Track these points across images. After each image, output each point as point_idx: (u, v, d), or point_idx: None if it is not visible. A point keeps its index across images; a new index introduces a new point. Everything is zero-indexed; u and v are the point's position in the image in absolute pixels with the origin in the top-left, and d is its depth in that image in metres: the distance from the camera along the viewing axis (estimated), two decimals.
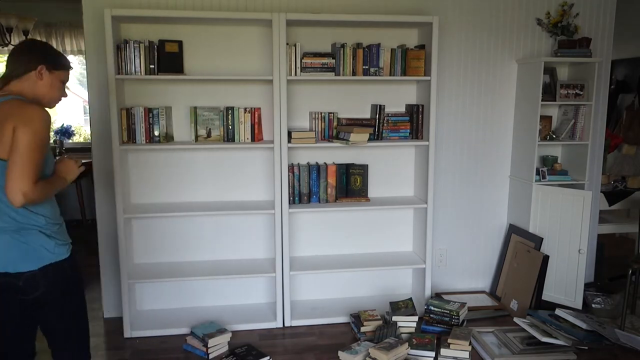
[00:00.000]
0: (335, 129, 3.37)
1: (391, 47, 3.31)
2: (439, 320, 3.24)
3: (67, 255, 1.93)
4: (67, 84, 2.03)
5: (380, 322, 3.21)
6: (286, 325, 3.37)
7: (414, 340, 2.99)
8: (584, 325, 3.08)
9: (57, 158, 2.03)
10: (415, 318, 3.21)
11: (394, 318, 3.21)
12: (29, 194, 1.71)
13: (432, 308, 3.28)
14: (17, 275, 1.82)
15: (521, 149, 3.65)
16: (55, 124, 6.16)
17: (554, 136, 3.63)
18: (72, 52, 6.16)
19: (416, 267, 3.55)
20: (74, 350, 2.02)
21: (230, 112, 3.22)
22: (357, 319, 3.26)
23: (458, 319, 3.20)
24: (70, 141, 6.29)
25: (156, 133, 3.17)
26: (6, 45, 4.98)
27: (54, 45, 6.00)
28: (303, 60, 3.18)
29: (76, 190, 5.45)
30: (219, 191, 3.46)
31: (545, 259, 3.40)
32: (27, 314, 1.95)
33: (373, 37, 3.41)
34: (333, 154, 3.53)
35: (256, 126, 3.26)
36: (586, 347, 3.04)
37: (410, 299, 3.40)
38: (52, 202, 1.94)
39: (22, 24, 5.04)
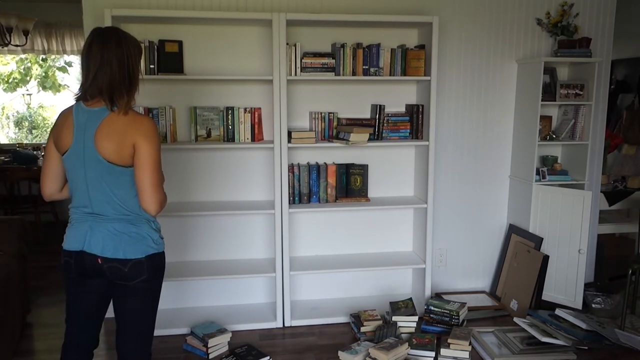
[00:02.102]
0: (335, 129, 3.37)
1: (391, 47, 3.31)
2: (439, 320, 3.24)
3: (163, 249, 2.11)
4: (68, 84, 2.05)
5: (380, 322, 3.21)
6: (286, 325, 3.37)
7: (414, 340, 2.99)
8: (584, 325, 3.08)
9: None
10: (415, 318, 3.21)
11: (394, 318, 3.21)
12: (162, 202, 2.00)
13: (432, 308, 3.28)
14: (124, 262, 1.95)
15: (521, 149, 3.65)
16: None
17: (554, 136, 3.63)
18: (72, 52, 6.16)
19: (416, 267, 3.55)
20: (142, 341, 2.11)
21: (230, 112, 3.23)
22: (357, 319, 3.26)
23: (458, 319, 3.20)
24: None
25: None
26: (6, 45, 4.98)
27: (54, 46, 6.02)
28: (303, 60, 3.18)
29: None
30: (218, 191, 3.46)
31: (545, 259, 3.40)
32: (106, 301, 2.13)
33: (373, 37, 3.41)
34: (333, 154, 3.53)
35: (256, 126, 3.26)
36: (586, 347, 3.04)
37: (410, 299, 3.40)
38: None
39: (22, 24, 5.04)
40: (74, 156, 1.93)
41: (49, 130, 8.41)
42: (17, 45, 5.39)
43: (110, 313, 2.13)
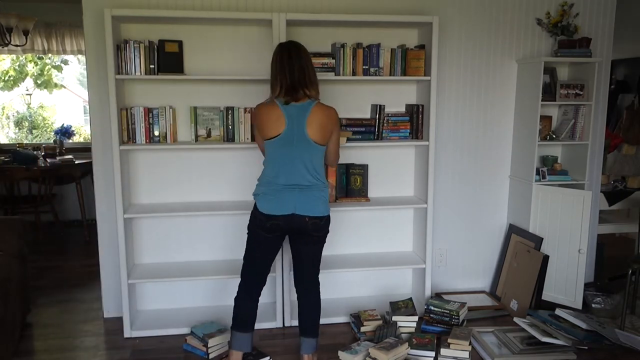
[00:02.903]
0: None
1: (391, 47, 3.31)
2: (439, 320, 3.24)
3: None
4: (64, 84, 2.12)
5: (380, 322, 3.21)
6: (286, 325, 3.37)
7: (414, 340, 2.99)
8: (584, 325, 3.08)
9: None
10: (415, 318, 3.21)
11: (394, 318, 3.21)
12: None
13: (432, 308, 3.28)
14: (321, 218, 2.66)
15: (521, 149, 3.65)
16: (55, 124, 6.17)
17: (554, 136, 3.63)
18: (72, 52, 6.15)
19: (416, 267, 3.55)
20: (318, 270, 2.85)
21: (230, 112, 3.22)
22: (357, 319, 3.26)
23: (458, 319, 3.20)
24: (70, 141, 6.30)
25: (156, 133, 3.17)
26: (6, 45, 4.97)
27: (54, 45, 6.01)
28: None
29: (76, 190, 5.45)
30: (218, 191, 3.46)
31: (545, 258, 3.40)
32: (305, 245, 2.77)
33: (373, 37, 3.41)
34: None
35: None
36: (586, 347, 3.04)
37: (410, 299, 3.40)
38: None
39: (22, 24, 5.04)
40: None
41: (49, 130, 8.42)
42: (17, 45, 5.39)
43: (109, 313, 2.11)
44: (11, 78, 7.74)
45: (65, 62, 7.64)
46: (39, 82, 7.75)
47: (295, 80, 2.57)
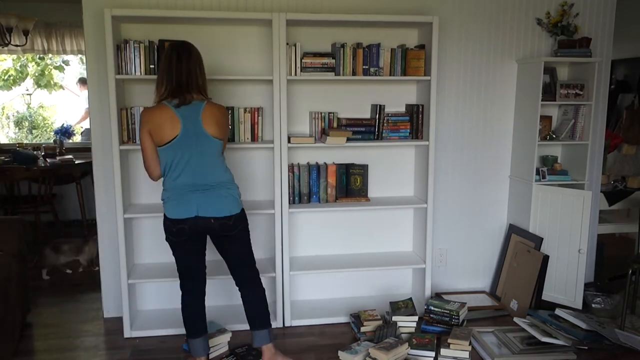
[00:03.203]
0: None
1: (391, 47, 3.31)
2: (439, 320, 3.24)
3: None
4: (68, 84, 2.14)
5: (380, 322, 3.21)
6: (286, 325, 3.37)
7: (414, 340, 2.99)
8: (584, 325, 3.08)
9: None
10: (415, 318, 3.21)
11: (394, 318, 3.21)
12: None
13: (432, 308, 3.28)
14: (230, 217, 2.60)
15: (521, 149, 3.65)
16: (55, 124, 6.17)
17: (554, 136, 3.63)
18: (72, 52, 6.15)
19: (416, 267, 3.55)
20: (251, 264, 2.81)
21: (230, 112, 3.22)
22: (357, 319, 3.26)
23: (458, 319, 3.20)
24: (70, 141, 6.29)
25: None
26: (6, 45, 4.97)
27: (54, 45, 6.02)
28: (303, 60, 3.18)
29: (76, 190, 5.45)
30: None
31: (545, 259, 3.40)
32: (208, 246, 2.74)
33: (373, 37, 3.41)
34: (333, 154, 3.53)
35: (256, 126, 3.26)
36: (586, 347, 3.04)
37: (410, 299, 3.40)
38: None
39: (22, 24, 5.04)
40: None
41: (49, 130, 8.42)
42: (17, 45, 5.39)
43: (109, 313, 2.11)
44: (11, 77, 7.74)
45: (67, 63, 7.63)
46: (40, 83, 7.75)
47: (182, 83, 2.54)
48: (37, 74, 7.78)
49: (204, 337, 2.77)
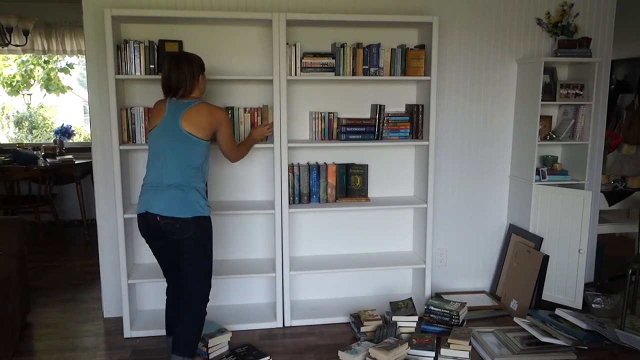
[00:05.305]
0: (335, 130, 3.37)
1: (391, 47, 3.31)
2: (439, 320, 3.24)
3: (209, 214, 2.60)
4: (71, 86, 2.16)
5: (380, 322, 3.21)
6: (286, 325, 3.37)
7: (414, 340, 2.99)
8: (584, 325, 3.08)
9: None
10: (415, 318, 3.21)
11: (394, 318, 3.21)
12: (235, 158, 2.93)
13: (432, 308, 3.28)
14: (177, 219, 2.48)
15: (521, 149, 3.65)
16: (55, 124, 6.17)
17: (554, 136, 3.63)
18: (72, 52, 6.15)
19: (416, 267, 3.55)
20: (196, 287, 2.61)
21: (230, 112, 3.22)
22: (357, 319, 3.26)
23: (458, 319, 3.20)
24: (70, 141, 6.30)
25: None
26: (6, 45, 4.98)
27: (54, 46, 6.02)
28: (303, 60, 3.18)
29: (76, 190, 5.45)
30: (218, 191, 3.45)
31: (545, 258, 3.40)
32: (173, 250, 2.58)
33: (373, 37, 3.41)
34: (333, 154, 3.53)
35: (256, 126, 3.26)
36: (586, 347, 3.04)
37: (410, 299, 3.40)
38: (208, 171, 2.71)
39: (22, 24, 5.04)
40: None
41: (49, 130, 8.43)
42: (17, 45, 5.39)
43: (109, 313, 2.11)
44: (17, 83, 7.74)
45: (71, 66, 7.63)
46: (49, 87, 7.76)
47: (172, 89, 2.61)
48: (44, 79, 7.79)
49: (171, 338, 2.70)
